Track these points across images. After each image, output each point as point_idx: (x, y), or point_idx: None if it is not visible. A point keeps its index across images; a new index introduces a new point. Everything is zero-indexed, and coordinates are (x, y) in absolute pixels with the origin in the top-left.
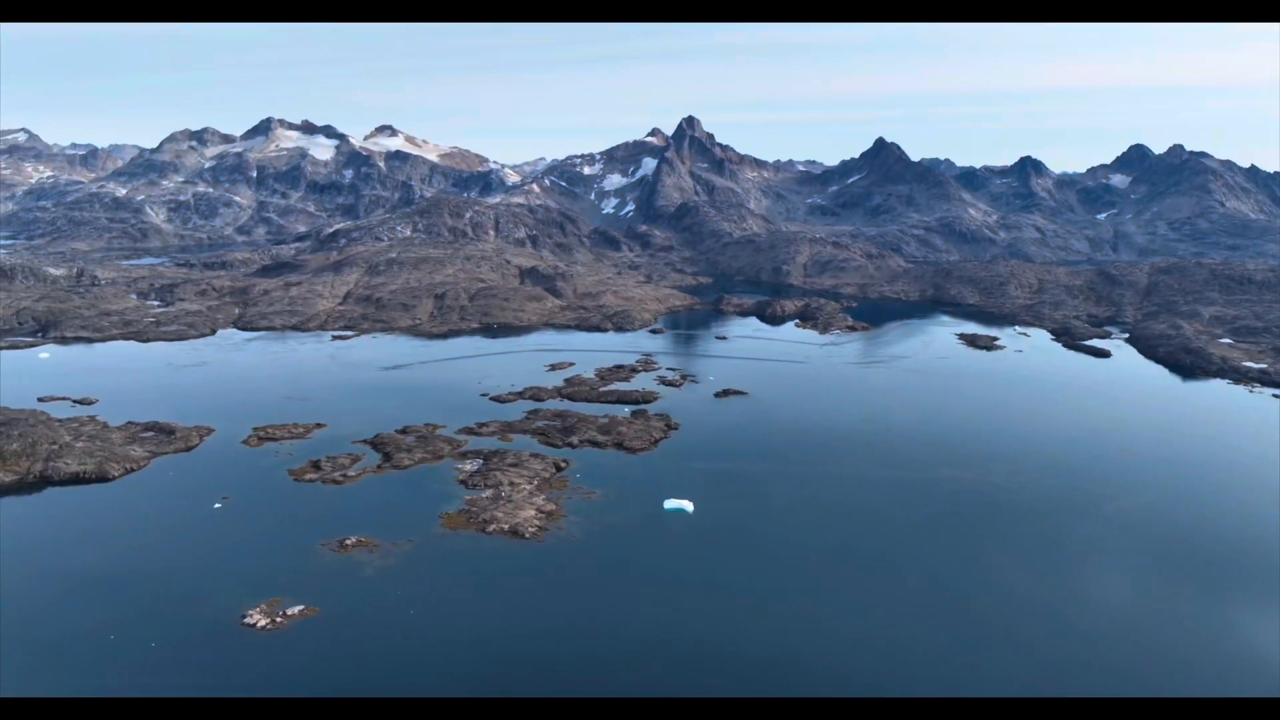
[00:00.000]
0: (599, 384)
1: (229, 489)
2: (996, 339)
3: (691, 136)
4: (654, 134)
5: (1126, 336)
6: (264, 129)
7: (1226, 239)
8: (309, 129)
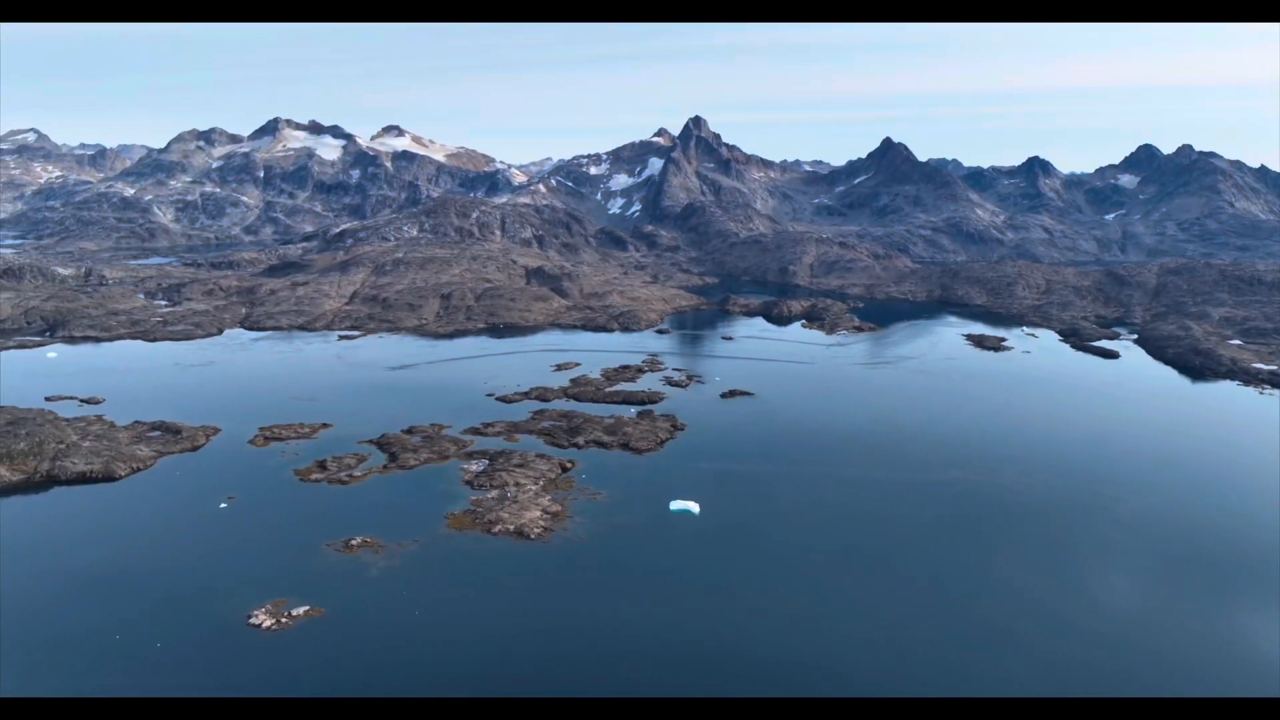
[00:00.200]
0: (605, 384)
1: (235, 489)
2: (1004, 340)
3: (698, 136)
4: (660, 134)
5: (1135, 338)
6: (271, 129)
7: (1236, 239)
8: (316, 129)
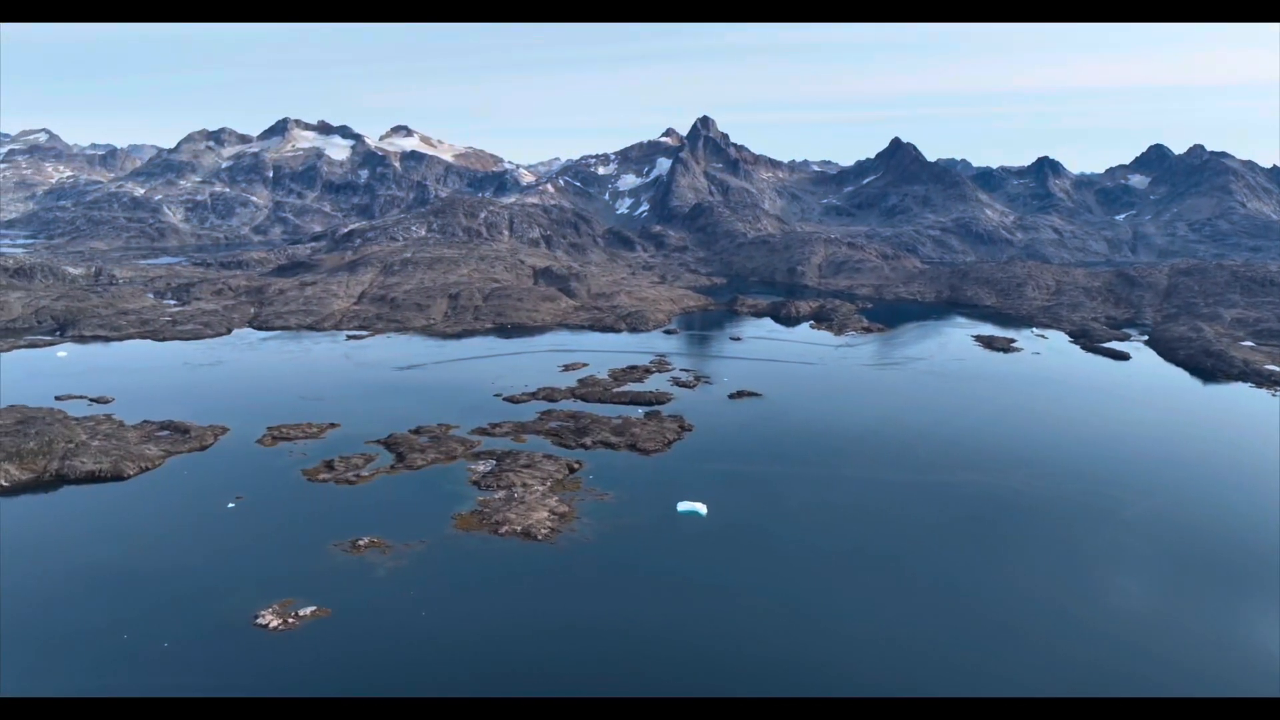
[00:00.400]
0: (612, 385)
1: (243, 488)
2: (1013, 341)
3: (706, 137)
4: (669, 134)
5: (1146, 339)
6: (280, 129)
7: (1248, 240)
8: (325, 129)
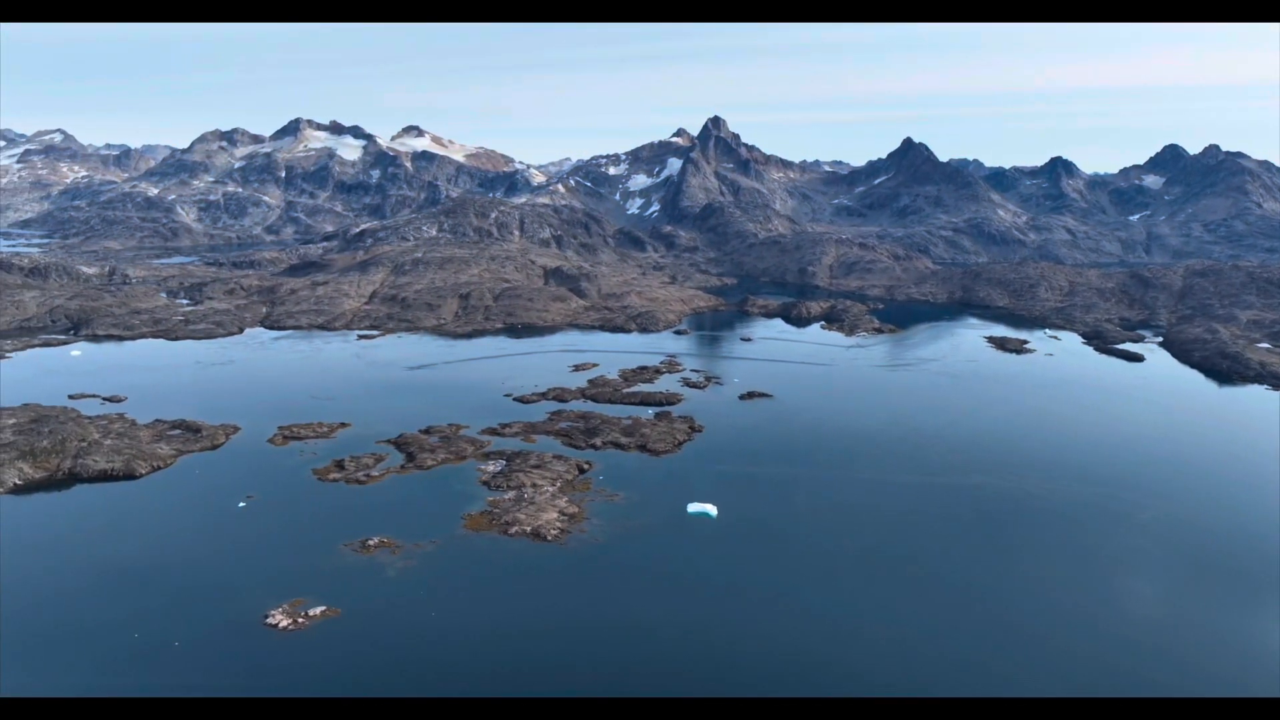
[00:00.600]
0: (623, 385)
1: (254, 488)
2: (1026, 342)
3: (717, 137)
4: (679, 134)
5: (1160, 340)
6: (293, 129)
7: (1264, 241)
8: (337, 129)
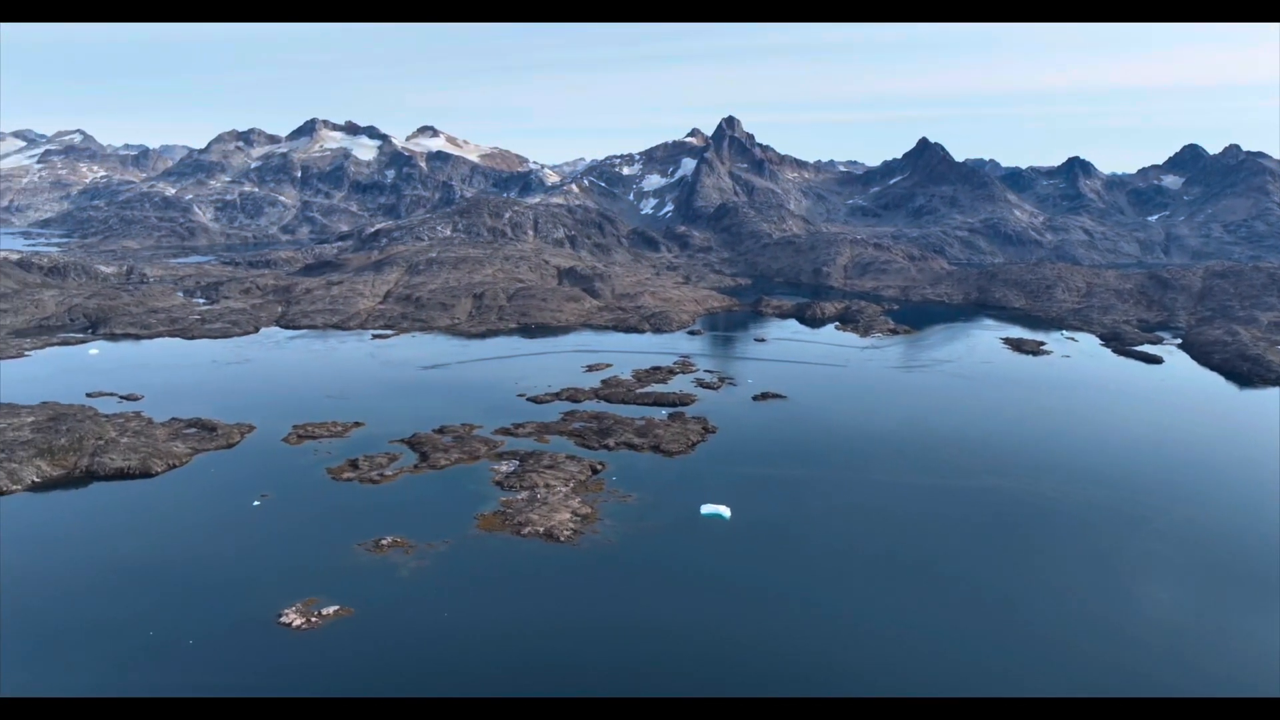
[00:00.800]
0: (636, 386)
1: (268, 486)
2: (1043, 344)
3: (731, 137)
4: (693, 134)
5: (1179, 342)
6: (308, 130)
7: None
8: (352, 130)
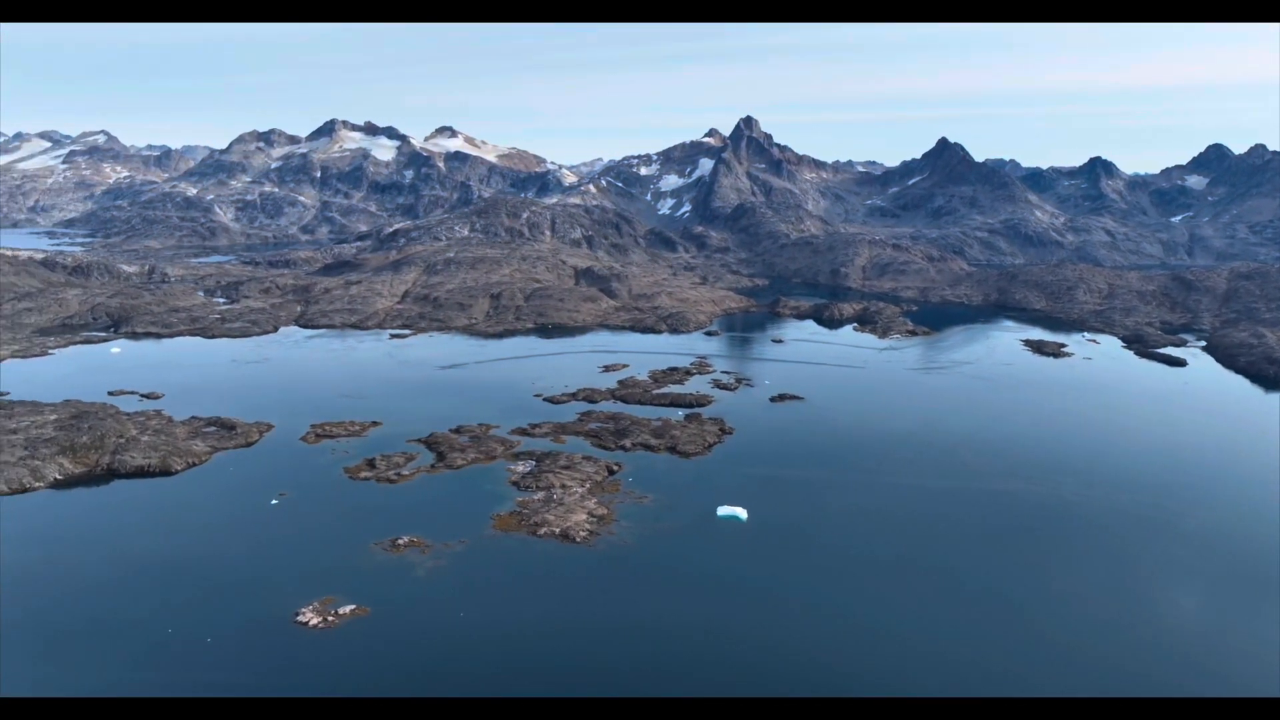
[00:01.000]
0: (653, 386)
1: (286, 485)
2: (1064, 346)
3: (749, 137)
4: (711, 134)
5: (1203, 345)
6: (328, 130)
7: None
8: (371, 130)
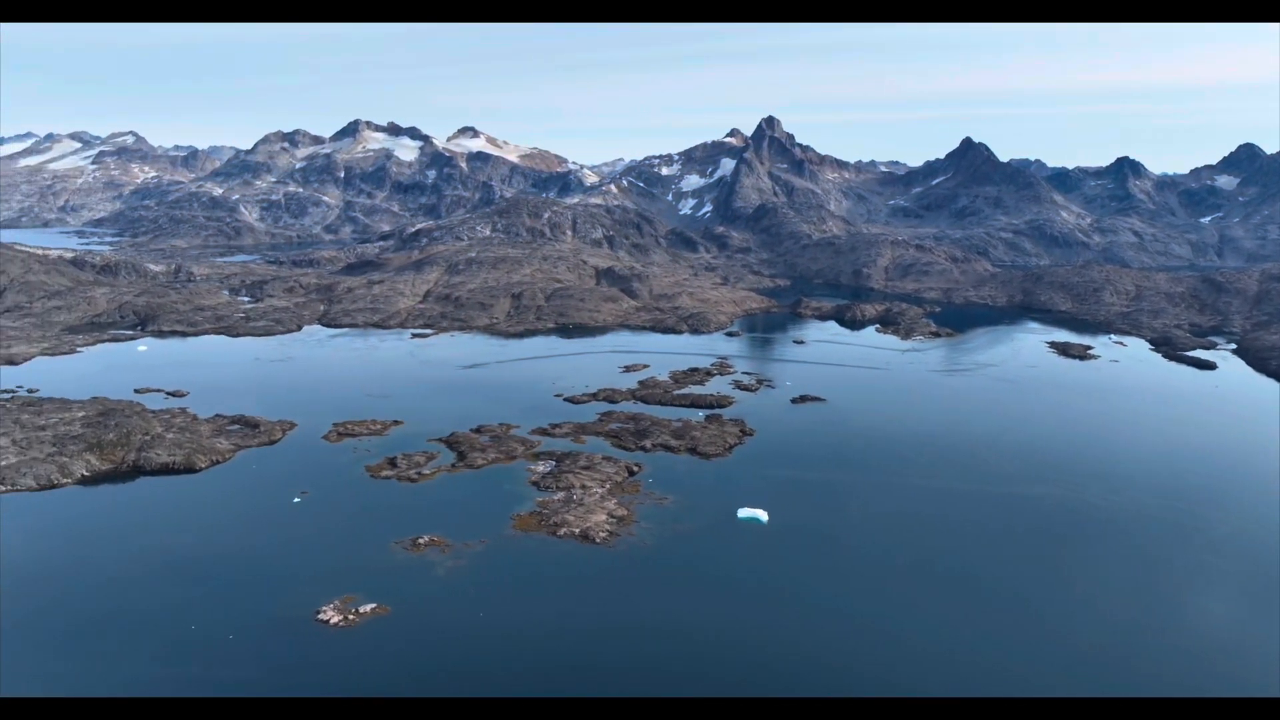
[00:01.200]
0: (673, 387)
1: (308, 483)
2: (1090, 348)
3: (771, 137)
4: (733, 134)
5: (1234, 347)
6: (352, 131)
7: None
8: (394, 130)
